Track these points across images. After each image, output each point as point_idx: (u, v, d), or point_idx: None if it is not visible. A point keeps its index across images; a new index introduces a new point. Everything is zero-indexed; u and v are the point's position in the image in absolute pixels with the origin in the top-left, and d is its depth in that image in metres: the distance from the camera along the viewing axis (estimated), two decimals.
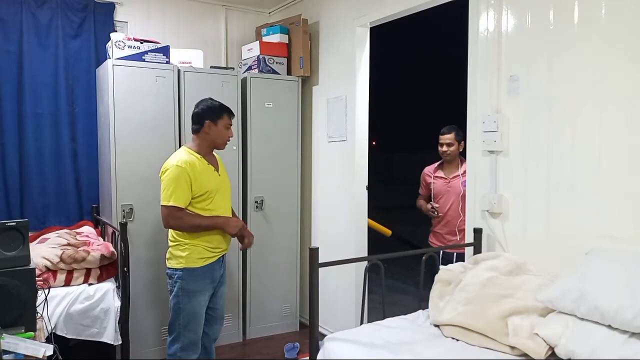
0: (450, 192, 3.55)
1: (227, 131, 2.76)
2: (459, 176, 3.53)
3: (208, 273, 2.72)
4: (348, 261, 2.63)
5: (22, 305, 1.81)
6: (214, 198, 2.70)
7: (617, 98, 2.13)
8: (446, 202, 3.55)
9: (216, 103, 2.78)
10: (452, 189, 3.54)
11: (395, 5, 3.25)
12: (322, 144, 4.00)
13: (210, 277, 2.73)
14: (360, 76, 3.63)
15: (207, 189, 2.66)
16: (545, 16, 2.39)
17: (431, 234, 3.68)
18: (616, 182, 2.13)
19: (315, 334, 2.23)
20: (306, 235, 4.19)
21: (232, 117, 2.79)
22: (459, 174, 3.53)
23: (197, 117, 2.74)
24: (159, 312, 3.50)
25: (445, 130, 3.54)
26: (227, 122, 2.76)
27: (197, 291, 2.68)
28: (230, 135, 2.79)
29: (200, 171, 2.65)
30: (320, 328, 2.64)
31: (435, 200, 3.61)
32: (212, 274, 2.75)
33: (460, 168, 3.54)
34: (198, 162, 2.67)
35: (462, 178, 3.48)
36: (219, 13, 4.40)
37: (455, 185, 3.53)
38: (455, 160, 3.58)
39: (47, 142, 3.70)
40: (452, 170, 3.59)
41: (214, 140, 2.74)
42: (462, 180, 3.49)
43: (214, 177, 2.74)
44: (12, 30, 3.57)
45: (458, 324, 2.15)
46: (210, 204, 2.69)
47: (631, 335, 1.73)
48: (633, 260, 1.93)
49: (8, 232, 1.87)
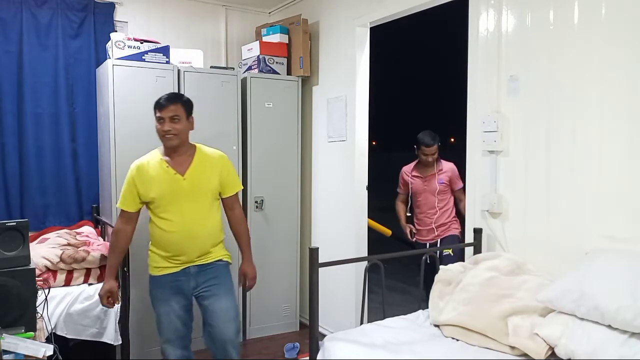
0: (427, 191, 3.83)
1: (159, 125, 2.47)
2: (434, 174, 3.82)
3: (168, 283, 2.53)
4: (348, 261, 2.63)
5: (22, 305, 1.81)
6: (166, 206, 2.47)
7: (617, 98, 2.13)
8: (425, 200, 3.84)
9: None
10: (428, 187, 3.83)
11: (395, 5, 3.25)
12: (322, 144, 4.00)
13: (172, 288, 2.54)
14: (360, 76, 3.63)
15: (152, 196, 2.47)
16: (545, 16, 2.39)
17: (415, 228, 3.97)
18: (616, 182, 2.13)
19: (315, 334, 2.23)
20: (306, 235, 4.19)
21: (161, 109, 2.46)
22: (434, 172, 3.82)
23: None
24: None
25: (430, 142, 3.76)
26: (156, 115, 2.48)
27: (157, 299, 2.58)
28: (163, 128, 2.44)
29: (150, 175, 2.48)
30: (320, 328, 2.64)
31: (414, 199, 3.91)
32: (177, 286, 2.54)
33: (436, 167, 3.84)
34: (155, 164, 2.50)
35: (438, 176, 3.83)
36: (219, 13, 4.40)
37: (432, 183, 3.82)
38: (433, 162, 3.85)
39: (47, 142, 3.70)
40: (427, 170, 3.85)
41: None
42: (438, 178, 3.83)
43: (170, 182, 2.47)
44: (12, 30, 3.57)
45: (458, 324, 2.15)
46: (162, 212, 2.48)
47: (631, 335, 1.73)
48: (633, 260, 1.93)
49: (8, 232, 1.87)
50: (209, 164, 2.57)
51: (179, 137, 2.47)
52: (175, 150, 2.51)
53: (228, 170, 2.61)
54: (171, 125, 2.44)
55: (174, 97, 2.53)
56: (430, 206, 3.81)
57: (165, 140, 2.47)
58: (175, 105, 2.47)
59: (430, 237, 3.83)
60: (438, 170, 3.82)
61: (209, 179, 2.54)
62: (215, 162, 2.59)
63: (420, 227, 3.89)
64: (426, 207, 3.83)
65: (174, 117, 2.45)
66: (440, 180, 3.82)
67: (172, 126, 2.45)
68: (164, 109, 2.45)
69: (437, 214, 3.79)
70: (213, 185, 2.55)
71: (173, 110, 2.46)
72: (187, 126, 2.53)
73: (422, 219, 3.88)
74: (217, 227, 2.60)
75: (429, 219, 3.82)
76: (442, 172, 3.83)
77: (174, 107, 2.46)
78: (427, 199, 3.82)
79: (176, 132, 2.46)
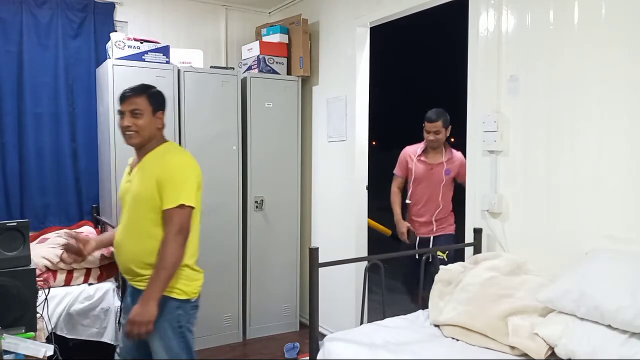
0: (432, 180, 3.41)
1: (119, 120, 2.15)
2: (442, 163, 3.41)
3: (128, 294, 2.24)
4: (348, 261, 2.63)
5: (22, 306, 1.81)
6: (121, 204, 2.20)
7: (617, 98, 2.13)
8: (426, 189, 3.43)
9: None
10: (434, 176, 3.41)
11: (395, 5, 3.25)
12: (322, 144, 4.00)
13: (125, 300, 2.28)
14: (360, 76, 3.63)
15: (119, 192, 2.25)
16: (545, 16, 2.39)
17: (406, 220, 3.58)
18: (616, 182, 2.14)
19: (315, 334, 2.23)
20: (306, 235, 4.19)
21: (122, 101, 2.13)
22: (442, 161, 3.42)
23: None
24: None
25: (433, 117, 3.35)
26: (118, 109, 2.17)
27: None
28: (122, 124, 2.12)
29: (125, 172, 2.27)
30: (320, 328, 2.64)
31: (414, 185, 3.48)
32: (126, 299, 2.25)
33: (445, 155, 3.44)
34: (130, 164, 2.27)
35: (446, 166, 3.41)
36: (219, 13, 4.40)
37: (438, 172, 3.41)
38: (440, 147, 3.45)
39: (47, 142, 3.70)
40: (436, 156, 3.45)
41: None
42: (445, 168, 3.40)
43: (124, 182, 2.23)
44: (12, 30, 3.57)
45: (458, 324, 2.16)
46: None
47: (631, 335, 1.73)
48: (633, 260, 1.93)
49: (8, 232, 1.87)
50: (149, 167, 2.10)
51: (140, 134, 2.10)
52: (139, 148, 2.16)
53: (167, 177, 2.03)
54: (131, 121, 2.08)
55: (138, 88, 2.16)
56: (431, 198, 3.42)
57: (126, 138, 2.13)
58: (139, 98, 2.11)
59: (423, 231, 3.46)
60: (447, 160, 3.41)
61: (144, 185, 2.06)
62: (158, 165, 2.08)
63: (414, 218, 3.51)
64: (425, 198, 3.43)
65: (135, 110, 2.09)
66: (448, 170, 3.40)
67: (133, 121, 2.08)
68: (125, 101, 2.11)
69: (437, 208, 3.42)
70: (148, 193, 2.04)
71: (135, 103, 2.10)
72: (153, 123, 2.13)
73: (417, 211, 3.49)
74: (148, 247, 2.03)
75: (427, 212, 3.45)
76: (451, 162, 3.42)
77: (137, 99, 2.11)
78: (430, 189, 3.42)
79: (137, 128, 2.09)
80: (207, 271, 3.65)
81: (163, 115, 2.19)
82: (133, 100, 2.10)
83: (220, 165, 3.72)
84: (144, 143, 2.13)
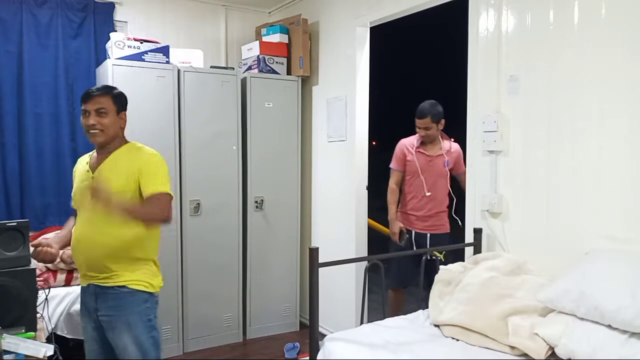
0: (431, 172, 3.36)
1: (83, 119, 2.16)
2: (442, 155, 3.37)
3: (81, 297, 2.22)
4: (348, 261, 2.64)
5: (22, 306, 1.82)
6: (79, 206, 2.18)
7: (617, 98, 2.13)
8: (428, 181, 3.35)
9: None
10: (433, 168, 3.36)
11: (395, 5, 3.25)
12: (322, 144, 4.00)
13: (82, 302, 2.21)
14: (360, 76, 3.63)
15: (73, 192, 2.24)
16: (545, 16, 2.39)
17: (399, 214, 3.48)
18: (616, 182, 2.14)
19: (315, 334, 2.23)
20: (306, 235, 4.19)
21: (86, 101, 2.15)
22: (442, 153, 3.37)
23: None
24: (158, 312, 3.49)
25: (421, 113, 3.31)
26: (81, 108, 2.17)
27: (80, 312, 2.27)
28: (87, 122, 2.13)
29: (78, 172, 2.26)
30: (320, 328, 2.64)
31: (412, 178, 3.40)
32: (84, 301, 2.19)
33: (443, 146, 3.40)
34: (86, 161, 2.26)
35: (446, 157, 3.37)
36: (219, 13, 4.40)
37: (437, 164, 3.36)
38: (436, 140, 3.40)
39: (47, 142, 3.70)
40: (434, 148, 3.40)
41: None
42: (445, 160, 3.36)
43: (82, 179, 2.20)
44: (12, 30, 3.57)
45: (458, 323, 2.16)
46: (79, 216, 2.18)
47: (631, 335, 1.73)
48: (633, 260, 1.93)
49: (9, 232, 1.87)
50: (123, 162, 2.16)
51: (105, 133, 2.14)
52: (102, 147, 2.19)
53: (149, 167, 2.13)
54: (97, 119, 2.12)
55: (102, 88, 2.22)
56: (431, 190, 3.34)
57: (90, 136, 2.16)
58: (104, 98, 2.15)
59: (420, 226, 3.39)
60: (446, 151, 3.38)
61: (117, 179, 2.09)
62: (131, 160, 2.15)
63: (411, 212, 3.42)
64: (424, 191, 3.35)
65: (100, 109, 2.13)
66: (447, 162, 3.36)
67: (98, 120, 2.12)
68: (90, 100, 2.14)
69: (437, 202, 3.36)
70: (121, 186, 2.07)
71: (100, 102, 2.14)
72: (117, 122, 2.17)
73: (415, 204, 3.40)
74: (124, 239, 2.07)
75: (425, 205, 3.37)
76: (449, 153, 3.40)
77: (102, 99, 2.15)
78: (430, 181, 3.35)
79: (102, 127, 2.12)
80: (207, 271, 3.71)
81: (125, 116, 2.25)
82: (98, 100, 2.14)
83: (220, 165, 3.72)
84: (108, 142, 2.17)
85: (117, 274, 2.08)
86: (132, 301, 2.09)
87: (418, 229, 3.40)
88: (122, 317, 2.07)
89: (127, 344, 2.07)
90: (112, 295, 2.08)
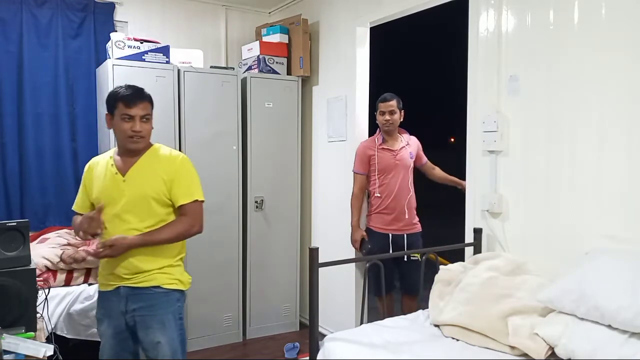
0: (400, 166, 3.30)
1: (125, 124, 2.04)
2: (405, 147, 3.35)
3: (102, 302, 2.18)
4: (348, 261, 2.64)
5: (22, 305, 1.82)
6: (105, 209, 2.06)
7: (617, 98, 2.13)
8: (395, 179, 3.29)
9: (115, 90, 2.11)
10: (401, 162, 3.31)
11: (395, 5, 3.25)
12: (322, 144, 4.00)
13: (104, 307, 2.16)
14: (360, 76, 3.63)
15: (94, 196, 2.14)
16: (545, 16, 2.39)
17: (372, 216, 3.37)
18: (616, 182, 2.13)
19: (315, 334, 2.23)
20: (306, 235, 4.19)
21: (130, 105, 2.03)
22: (404, 145, 3.36)
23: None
24: None
25: (388, 97, 3.29)
26: (123, 112, 2.03)
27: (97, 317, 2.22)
28: (132, 128, 2.04)
29: (97, 175, 2.15)
30: (320, 328, 2.64)
31: (381, 178, 3.30)
32: (108, 305, 2.14)
33: (403, 139, 3.39)
34: (105, 163, 2.16)
35: (409, 149, 3.38)
36: (219, 13, 4.40)
37: (404, 157, 3.33)
38: (396, 132, 3.38)
39: (47, 142, 3.70)
40: (396, 143, 3.36)
41: (118, 138, 2.11)
42: (409, 152, 3.35)
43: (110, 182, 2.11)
44: (12, 30, 3.57)
45: (458, 323, 2.15)
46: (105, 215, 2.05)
47: (631, 335, 1.73)
48: (633, 260, 1.93)
49: (8, 232, 1.87)
50: (155, 165, 2.11)
51: (146, 139, 2.11)
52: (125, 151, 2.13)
53: (181, 175, 2.12)
54: (143, 126, 2.06)
55: (145, 94, 2.12)
56: (403, 186, 3.27)
57: (131, 142, 2.07)
58: (147, 104, 2.10)
59: (394, 227, 3.27)
60: (406, 143, 3.38)
61: (151, 182, 2.08)
62: (163, 163, 2.12)
63: (385, 213, 3.29)
64: (397, 188, 3.26)
65: (146, 115, 2.08)
66: (412, 154, 3.36)
67: (143, 126, 2.06)
68: (134, 105, 2.04)
69: (409, 196, 3.29)
70: (155, 190, 2.07)
71: (146, 108, 2.08)
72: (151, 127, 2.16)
73: (388, 204, 3.28)
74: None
75: (398, 203, 3.27)
76: (410, 145, 3.41)
77: (147, 105, 2.09)
78: (399, 176, 3.27)
79: (146, 133, 2.09)
80: (207, 271, 3.70)
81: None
82: (144, 106, 2.09)
83: (220, 165, 3.72)
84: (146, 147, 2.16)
85: (151, 275, 2.09)
86: (166, 301, 2.11)
87: (394, 230, 3.28)
88: (157, 316, 2.09)
89: (160, 343, 2.08)
90: (147, 296, 2.09)
